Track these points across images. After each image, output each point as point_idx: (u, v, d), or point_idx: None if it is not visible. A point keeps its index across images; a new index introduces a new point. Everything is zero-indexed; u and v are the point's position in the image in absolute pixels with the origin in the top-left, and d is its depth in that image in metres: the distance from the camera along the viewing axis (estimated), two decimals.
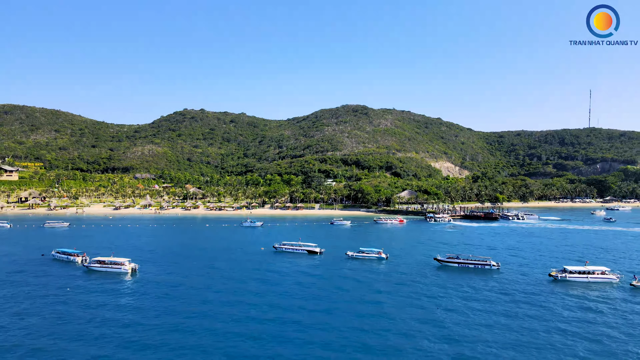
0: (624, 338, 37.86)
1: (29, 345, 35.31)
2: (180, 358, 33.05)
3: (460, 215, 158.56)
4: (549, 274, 60.38)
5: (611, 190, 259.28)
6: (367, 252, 75.35)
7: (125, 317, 42.38)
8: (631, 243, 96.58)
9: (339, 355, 33.61)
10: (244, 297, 49.95)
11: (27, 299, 49.00)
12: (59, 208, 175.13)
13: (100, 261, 65.13)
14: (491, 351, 34.57)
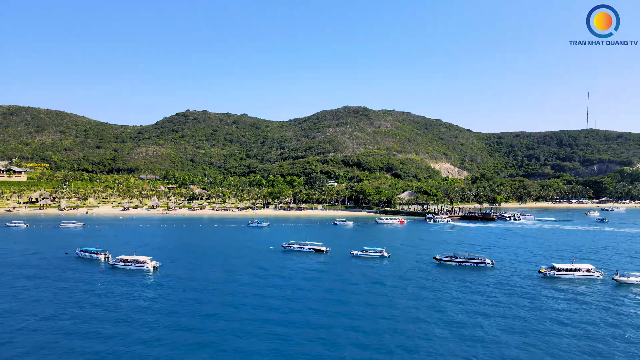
0: (603, 325, 43.07)
1: (84, 331, 40.49)
2: (219, 339, 38.19)
3: (458, 216, 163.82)
4: (538, 271, 65.66)
5: (607, 191, 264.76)
6: (371, 251, 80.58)
7: (161, 307, 47.54)
8: (621, 243, 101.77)
9: (358, 335, 38.78)
10: (263, 290, 55.20)
11: (68, 292, 54.14)
12: (69, 208, 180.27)
13: (124, 259, 70.31)
14: (486, 334, 39.76)
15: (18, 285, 57.84)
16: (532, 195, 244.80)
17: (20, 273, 65.05)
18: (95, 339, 38.46)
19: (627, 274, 62.15)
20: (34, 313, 45.65)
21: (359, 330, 40.75)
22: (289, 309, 47.25)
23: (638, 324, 43.46)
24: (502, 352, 36.12)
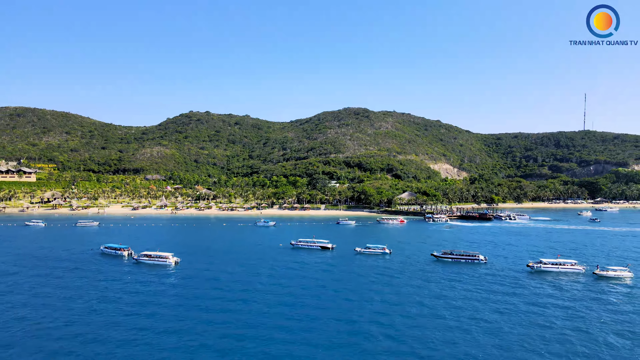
0: (580, 308, 49.43)
1: (125, 313, 46.87)
2: (248, 319, 44.54)
3: (456, 215, 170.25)
4: (527, 265, 72.13)
5: (602, 191, 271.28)
6: (373, 247, 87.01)
7: (188, 294, 53.92)
8: (609, 241, 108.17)
9: (368, 315, 45.13)
10: (279, 280, 61.63)
11: (106, 282, 60.55)
12: (80, 208, 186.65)
13: (148, 254, 76.73)
14: (480, 314, 46.11)
15: (65, 276, 64.24)
16: (529, 195, 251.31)
17: (58, 267, 71.39)
18: (134, 321, 44.83)
19: (606, 268, 68.55)
20: (88, 299, 52.03)
21: (370, 311, 47.19)
22: (307, 295, 53.75)
23: (612, 309, 49.81)
24: (491, 327, 42.45)
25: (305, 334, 40.96)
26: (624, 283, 62.97)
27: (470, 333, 41.65)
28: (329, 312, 47.79)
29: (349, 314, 47.10)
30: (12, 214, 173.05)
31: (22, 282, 60.74)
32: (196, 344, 38.40)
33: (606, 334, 41.88)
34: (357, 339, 40.01)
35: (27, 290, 56.45)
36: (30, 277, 63.80)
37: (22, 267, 71.00)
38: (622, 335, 41.93)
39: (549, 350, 37.70)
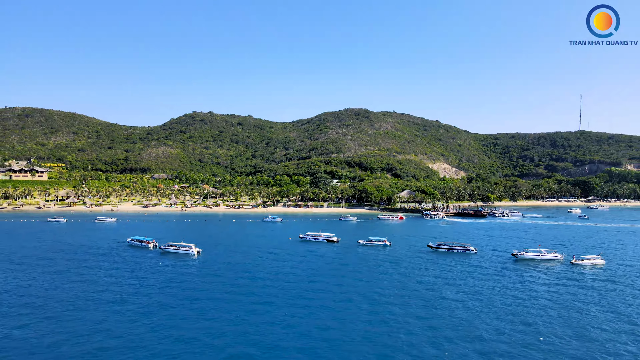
0: (554, 290, 58.21)
1: (159, 294, 55.66)
2: (266, 299, 53.27)
3: (453, 212, 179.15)
4: (511, 254, 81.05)
5: (594, 190, 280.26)
6: (374, 240, 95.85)
7: (211, 279, 62.70)
8: (593, 235, 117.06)
9: (371, 296, 53.88)
10: (293, 268, 70.37)
11: (141, 269, 69.31)
12: (94, 206, 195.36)
13: (173, 245, 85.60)
14: (468, 297, 54.89)
15: (104, 263, 73.04)
16: (524, 194, 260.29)
17: (94, 255, 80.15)
18: (167, 300, 53.64)
19: (581, 257, 77.37)
20: (129, 283, 60.82)
21: (373, 292, 55.95)
22: (324, 275, 62.56)
23: (579, 285, 58.62)
24: (477, 302, 51.20)
25: (321, 301, 49.74)
26: (595, 268, 71.81)
27: (463, 302, 50.45)
28: (343, 287, 56.70)
29: (359, 288, 55.93)
30: (29, 211, 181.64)
31: (68, 268, 69.45)
32: (232, 308, 47.09)
33: (573, 303, 50.67)
34: (364, 304, 48.81)
35: (79, 274, 65.13)
36: (73, 264, 72.49)
37: (60, 257, 79.70)
38: (585, 302, 50.78)
39: (527, 314, 46.41)
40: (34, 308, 47.70)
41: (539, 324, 43.80)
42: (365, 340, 39.04)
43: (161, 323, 42.97)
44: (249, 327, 41.82)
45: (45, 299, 51.35)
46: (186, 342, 38.07)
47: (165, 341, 38.29)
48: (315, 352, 36.31)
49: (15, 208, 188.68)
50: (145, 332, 40.38)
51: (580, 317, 46.35)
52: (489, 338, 39.65)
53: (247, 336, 39.51)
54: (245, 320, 44.08)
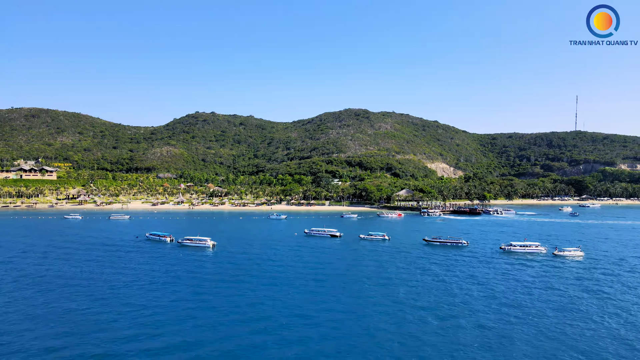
0: (536, 280, 65.96)
1: (181, 282, 63.32)
2: (279, 284, 60.91)
3: (449, 210, 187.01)
4: (499, 247, 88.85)
5: (588, 189, 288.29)
6: (375, 234, 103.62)
7: (232, 267, 70.36)
8: (579, 231, 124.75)
9: (376, 279, 61.57)
10: (303, 257, 78.10)
11: (164, 259, 76.94)
12: (104, 204, 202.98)
13: (189, 239, 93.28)
14: (460, 283, 62.50)
15: (129, 254, 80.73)
16: (519, 192, 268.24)
17: (118, 248, 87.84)
18: (188, 286, 61.35)
19: (563, 249, 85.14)
20: (165, 270, 68.49)
21: (378, 276, 63.72)
22: (330, 263, 70.34)
23: (559, 278, 66.35)
24: (469, 288, 58.90)
25: (334, 282, 57.46)
26: (573, 259, 79.58)
27: (450, 284, 58.16)
28: (350, 272, 64.44)
29: (364, 273, 63.70)
30: (42, 209, 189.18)
31: (104, 258, 77.11)
32: (258, 287, 54.75)
33: (553, 286, 58.40)
34: (367, 288, 56.54)
35: (115, 263, 72.80)
36: (107, 255, 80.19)
37: (92, 249, 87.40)
38: (563, 284, 58.47)
39: (510, 295, 54.09)
40: (88, 289, 55.35)
41: (518, 299, 51.51)
42: (375, 311, 46.67)
43: (203, 300, 50.61)
44: (277, 302, 49.42)
45: (94, 281, 58.99)
46: (227, 313, 45.69)
47: (210, 313, 45.91)
48: (336, 317, 43.88)
49: (28, 206, 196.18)
50: (194, 307, 47.96)
51: (555, 294, 54.05)
52: (477, 309, 47.30)
53: (277, 308, 47.10)
54: (273, 296, 51.67)
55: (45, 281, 59.46)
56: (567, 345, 37.56)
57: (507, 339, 38.77)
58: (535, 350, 36.40)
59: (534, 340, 38.60)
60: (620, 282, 61.41)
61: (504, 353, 35.82)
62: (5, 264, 71.28)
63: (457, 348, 36.77)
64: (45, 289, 55.33)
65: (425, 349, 36.63)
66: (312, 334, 39.65)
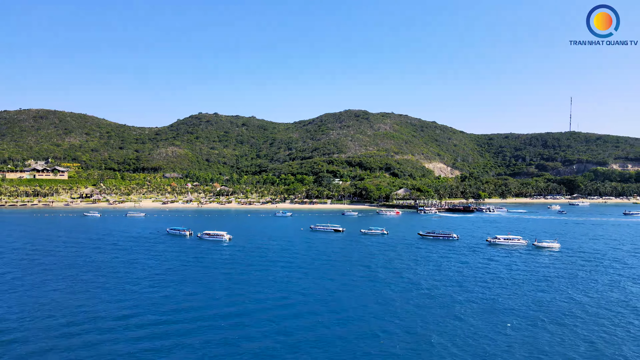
0: (517, 266, 76.55)
1: (203, 270, 73.82)
2: (291, 272, 71.38)
3: (445, 208, 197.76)
4: (486, 240, 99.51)
5: (579, 188, 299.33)
6: (374, 229, 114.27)
7: (242, 258, 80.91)
8: (562, 226, 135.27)
9: (373, 268, 72.06)
10: (311, 248, 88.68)
11: (191, 250, 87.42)
12: (117, 203, 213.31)
13: (208, 233, 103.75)
14: (450, 270, 73.07)
15: (156, 246, 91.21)
16: (513, 191, 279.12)
17: (143, 241, 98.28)
18: (210, 274, 71.91)
19: (541, 241, 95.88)
20: (192, 258, 79.01)
21: (375, 266, 74.31)
22: (336, 253, 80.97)
23: (537, 265, 76.93)
24: (458, 272, 69.42)
25: (341, 267, 68.02)
26: (550, 250, 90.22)
27: (443, 271, 68.75)
28: (351, 264, 75.08)
29: (366, 262, 74.32)
30: (59, 208, 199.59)
31: (136, 249, 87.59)
32: (276, 271, 65.21)
33: (529, 272, 69.01)
34: (369, 273, 67.13)
35: (148, 252, 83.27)
36: (136, 246, 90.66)
37: (121, 242, 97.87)
38: (536, 270, 69.04)
39: (491, 279, 64.66)
40: (142, 272, 65.83)
41: (495, 280, 62.12)
42: (378, 287, 57.17)
43: (241, 280, 61.07)
44: (294, 281, 59.90)
45: (142, 266, 69.46)
46: (253, 289, 56.19)
47: (250, 288, 56.36)
48: (341, 289, 54.33)
49: (45, 205, 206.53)
50: (234, 286, 58.42)
51: (528, 277, 64.65)
52: (465, 286, 57.86)
53: (293, 286, 57.56)
54: (291, 277, 62.20)
55: (105, 266, 69.91)
56: (531, 302, 48.13)
57: (484, 301, 49.33)
58: (500, 306, 46.96)
59: (506, 301, 49.20)
60: (585, 268, 72.07)
61: (480, 308, 46.36)
62: (63, 253, 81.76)
63: (446, 304, 47.32)
64: (110, 272, 65.78)
65: (414, 312, 47.25)
66: (326, 299, 50.14)
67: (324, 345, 36.92)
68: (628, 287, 57.93)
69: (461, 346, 36.98)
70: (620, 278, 63.60)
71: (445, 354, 35.37)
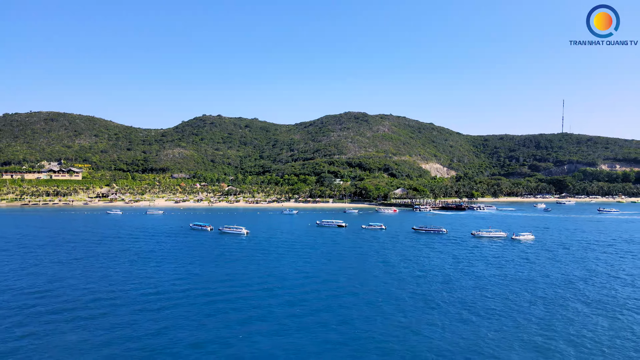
0: (497, 255, 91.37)
1: (227, 258, 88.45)
2: (307, 260, 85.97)
3: (438, 207, 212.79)
4: (471, 233, 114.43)
5: (568, 188, 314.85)
6: (374, 225, 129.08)
7: (263, 246, 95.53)
8: (544, 222, 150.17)
9: (373, 256, 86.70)
10: (319, 240, 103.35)
11: (214, 242, 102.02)
12: (132, 202, 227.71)
13: (228, 227, 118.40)
14: (439, 259, 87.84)
15: (185, 238, 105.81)
16: (504, 191, 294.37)
17: (171, 235, 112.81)
18: (232, 262, 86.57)
19: (519, 234, 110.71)
20: (221, 249, 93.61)
21: (373, 254, 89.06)
22: (342, 243, 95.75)
23: (523, 258, 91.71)
24: (447, 261, 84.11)
25: (346, 255, 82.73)
26: (526, 241, 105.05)
27: (433, 259, 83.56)
28: (354, 250, 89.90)
29: (365, 249, 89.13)
30: (79, 207, 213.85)
31: (169, 240, 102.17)
32: (281, 258, 79.75)
33: (507, 260, 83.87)
34: (369, 260, 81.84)
35: (180, 242, 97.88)
36: (169, 238, 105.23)
37: (154, 235, 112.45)
38: (510, 255, 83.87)
39: (474, 265, 79.36)
40: (180, 261, 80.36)
41: (477, 265, 76.91)
42: (380, 271, 71.81)
43: (261, 264, 75.65)
44: (308, 265, 74.49)
45: (181, 254, 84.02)
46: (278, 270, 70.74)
47: (276, 270, 70.92)
48: (347, 273, 68.90)
49: (66, 204, 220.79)
50: (256, 269, 72.97)
51: (504, 263, 79.47)
52: (444, 267, 72.58)
53: (308, 269, 72.10)
54: (307, 262, 76.86)
55: (154, 254, 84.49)
56: (507, 279, 62.85)
57: (462, 279, 64.06)
58: (479, 281, 61.63)
59: (485, 278, 63.95)
60: (551, 256, 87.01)
61: (461, 285, 61.03)
62: (108, 244, 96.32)
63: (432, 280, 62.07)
64: (161, 258, 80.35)
65: (404, 285, 62.05)
66: (337, 279, 64.85)
67: (336, 298, 51.60)
68: (570, 268, 72.80)
69: (421, 294, 51.75)
70: (569, 260, 78.52)
71: (414, 301, 50.15)
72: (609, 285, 58.98)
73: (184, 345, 37.32)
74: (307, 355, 35.52)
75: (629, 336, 39.88)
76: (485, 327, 41.76)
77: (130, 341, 38.01)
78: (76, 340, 38.10)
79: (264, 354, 35.59)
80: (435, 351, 36.16)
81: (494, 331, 40.79)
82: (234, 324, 42.63)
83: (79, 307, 47.71)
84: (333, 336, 39.33)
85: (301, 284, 59.25)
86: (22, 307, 47.78)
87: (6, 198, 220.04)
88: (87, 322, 42.83)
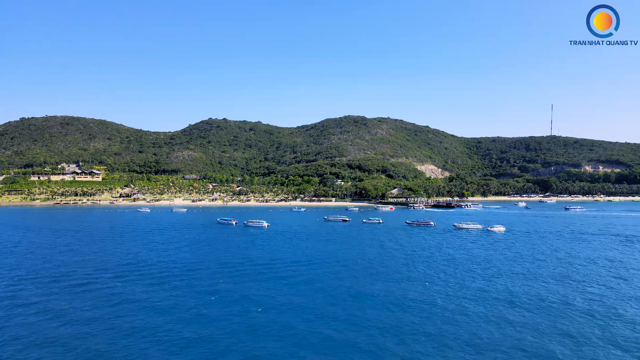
0: (471, 245, 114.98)
1: (257, 248, 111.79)
2: (319, 252, 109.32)
3: (431, 205, 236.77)
4: (453, 225, 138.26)
5: (552, 187, 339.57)
6: (373, 219, 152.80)
7: (278, 237, 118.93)
8: (520, 217, 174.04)
9: (373, 245, 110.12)
10: (328, 231, 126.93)
11: (241, 234, 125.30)
12: (154, 201, 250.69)
13: (251, 221, 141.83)
14: (427, 248, 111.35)
15: (217, 230, 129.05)
16: (493, 191, 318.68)
17: (203, 228, 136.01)
18: (263, 251, 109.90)
19: (493, 226, 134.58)
20: (247, 240, 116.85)
21: (372, 245, 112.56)
22: (347, 233, 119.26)
23: (490, 243, 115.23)
24: (437, 249, 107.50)
25: (351, 242, 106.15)
26: (498, 232, 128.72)
27: (419, 244, 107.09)
28: (358, 239, 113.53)
29: (369, 239, 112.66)
30: (106, 205, 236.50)
31: (204, 233, 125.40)
32: (310, 244, 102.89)
33: (482, 248, 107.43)
34: (369, 249, 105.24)
35: (215, 233, 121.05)
36: (201, 230, 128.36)
37: (189, 228, 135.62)
38: (485, 246, 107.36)
39: (455, 251, 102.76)
40: (222, 245, 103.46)
41: (457, 253, 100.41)
42: (380, 255, 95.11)
43: (284, 249, 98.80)
44: (320, 249, 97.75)
45: (221, 242, 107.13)
46: (300, 252, 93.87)
47: (293, 254, 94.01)
48: (348, 257, 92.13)
49: (93, 203, 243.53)
50: (279, 254, 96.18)
51: (481, 251, 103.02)
52: (435, 258, 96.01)
53: (321, 252, 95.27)
54: (321, 246, 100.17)
55: (199, 242, 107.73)
56: (484, 263, 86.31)
57: (439, 257, 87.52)
58: (459, 264, 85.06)
59: (460, 263, 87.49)
60: (511, 243, 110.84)
61: (442, 269, 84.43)
62: (159, 235, 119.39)
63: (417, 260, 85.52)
64: (208, 244, 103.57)
65: (397, 268, 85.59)
66: (345, 263, 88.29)
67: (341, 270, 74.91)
68: (521, 249, 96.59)
69: (405, 265, 75.14)
70: (523, 245, 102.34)
71: (402, 267, 73.59)
72: (547, 261, 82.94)
73: (258, 294, 60.80)
74: (340, 286, 59.08)
75: (545, 295, 63.66)
76: (451, 287, 65.50)
77: (230, 294, 61.45)
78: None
79: (309, 299, 59.12)
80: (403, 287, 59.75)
81: (456, 289, 64.57)
82: (288, 286, 66.24)
83: (228, 270, 71.25)
84: (347, 283, 62.95)
85: (326, 260, 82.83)
86: (216, 271, 71.20)
87: (39, 198, 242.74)
88: (240, 278, 66.33)
